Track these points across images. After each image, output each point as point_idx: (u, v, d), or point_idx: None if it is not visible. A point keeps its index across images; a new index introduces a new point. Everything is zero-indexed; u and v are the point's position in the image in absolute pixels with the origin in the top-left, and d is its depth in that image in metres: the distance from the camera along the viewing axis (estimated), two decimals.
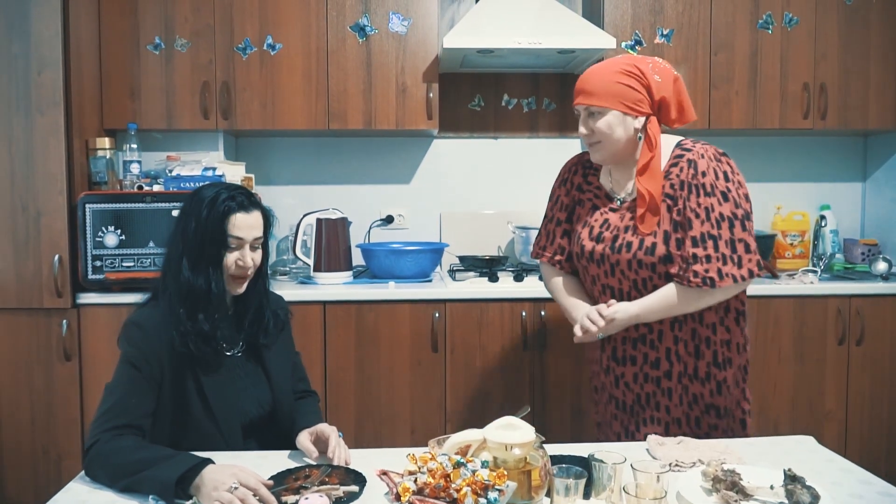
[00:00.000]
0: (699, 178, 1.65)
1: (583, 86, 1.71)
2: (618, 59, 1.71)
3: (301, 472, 1.39)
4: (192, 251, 1.54)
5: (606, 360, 1.80)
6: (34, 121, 2.49)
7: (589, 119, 1.71)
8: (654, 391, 1.74)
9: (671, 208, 1.67)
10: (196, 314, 1.52)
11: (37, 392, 2.56)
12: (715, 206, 1.63)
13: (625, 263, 1.70)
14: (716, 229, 1.63)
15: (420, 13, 2.84)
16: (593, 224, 1.77)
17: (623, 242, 1.70)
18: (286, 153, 3.21)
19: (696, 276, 1.62)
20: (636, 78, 1.67)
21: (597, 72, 1.70)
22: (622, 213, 1.74)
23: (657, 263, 1.67)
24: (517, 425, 1.24)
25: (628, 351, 1.75)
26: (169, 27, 2.78)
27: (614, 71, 1.68)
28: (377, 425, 2.66)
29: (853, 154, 3.37)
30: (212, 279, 1.54)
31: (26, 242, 2.51)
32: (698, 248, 1.63)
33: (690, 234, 1.64)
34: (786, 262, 3.15)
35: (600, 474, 1.24)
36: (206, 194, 1.57)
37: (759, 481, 1.30)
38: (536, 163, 3.26)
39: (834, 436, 2.75)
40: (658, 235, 1.67)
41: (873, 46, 2.95)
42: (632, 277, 1.71)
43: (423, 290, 2.66)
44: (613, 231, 1.73)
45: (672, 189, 1.68)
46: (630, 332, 1.74)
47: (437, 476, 1.08)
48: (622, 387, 1.78)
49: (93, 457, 1.39)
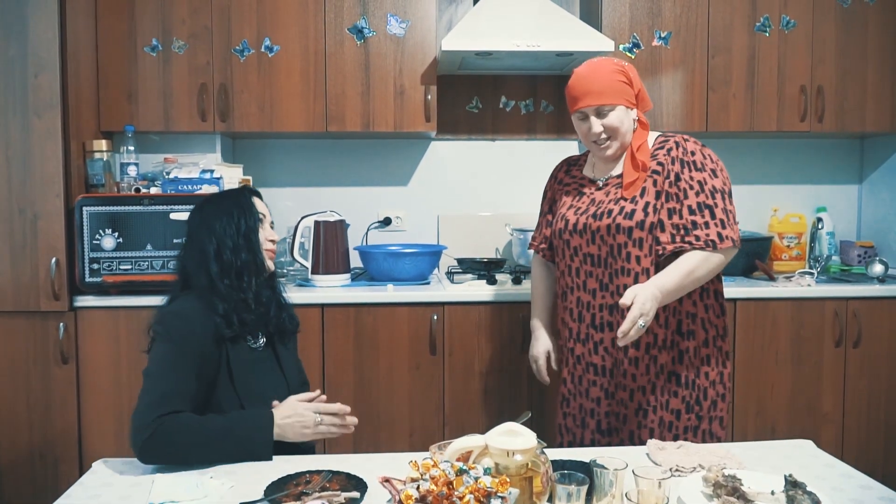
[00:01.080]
0: (689, 156, 1.82)
1: (589, 87, 1.83)
2: (604, 61, 1.86)
3: (302, 478, 1.39)
4: (229, 236, 1.66)
5: (586, 328, 1.89)
6: (31, 123, 2.48)
7: (599, 117, 1.84)
8: (622, 359, 1.85)
9: (656, 182, 1.81)
10: (241, 283, 1.64)
11: (34, 396, 2.55)
12: (707, 180, 1.80)
13: (604, 229, 1.83)
14: (710, 199, 1.78)
15: (418, 15, 2.84)
16: (579, 204, 1.92)
17: (604, 210, 1.85)
18: (283, 155, 3.21)
19: (698, 239, 1.76)
20: (625, 75, 1.84)
21: (596, 74, 1.84)
22: (608, 189, 1.89)
23: (634, 228, 1.79)
24: (519, 431, 1.24)
25: (605, 317, 1.86)
26: (166, 29, 2.78)
27: (611, 71, 1.83)
28: (375, 428, 2.66)
29: (850, 156, 3.38)
30: (255, 248, 1.69)
31: (23, 245, 2.50)
32: (696, 216, 1.77)
33: (687, 204, 1.78)
34: (782, 264, 3.16)
35: (602, 481, 1.24)
36: (218, 196, 1.75)
37: (759, 487, 1.30)
38: (534, 165, 3.26)
39: (831, 438, 2.76)
40: (638, 203, 1.80)
41: (870, 49, 2.96)
42: (609, 243, 1.83)
43: (421, 293, 2.66)
44: (598, 205, 1.87)
45: (659, 165, 1.83)
46: (606, 298, 1.85)
47: (439, 483, 1.08)
48: (601, 352, 1.88)
49: (159, 440, 1.43)
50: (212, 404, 1.59)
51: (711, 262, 1.78)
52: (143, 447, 1.43)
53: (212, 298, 1.62)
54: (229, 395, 1.60)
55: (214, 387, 1.60)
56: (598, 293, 1.87)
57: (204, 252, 1.65)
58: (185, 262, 1.69)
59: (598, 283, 1.86)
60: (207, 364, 1.58)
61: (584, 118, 1.86)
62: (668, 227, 1.79)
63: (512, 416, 2.57)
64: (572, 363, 1.95)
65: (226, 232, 1.66)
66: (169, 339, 1.54)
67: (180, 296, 1.66)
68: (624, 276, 1.82)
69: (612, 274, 1.84)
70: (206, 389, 1.58)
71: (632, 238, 1.80)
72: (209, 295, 1.62)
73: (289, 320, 1.79)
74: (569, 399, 1.97)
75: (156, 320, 1.59)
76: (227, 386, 1.60)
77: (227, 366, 1.61)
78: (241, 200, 1.72)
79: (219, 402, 1.59)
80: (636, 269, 1.81)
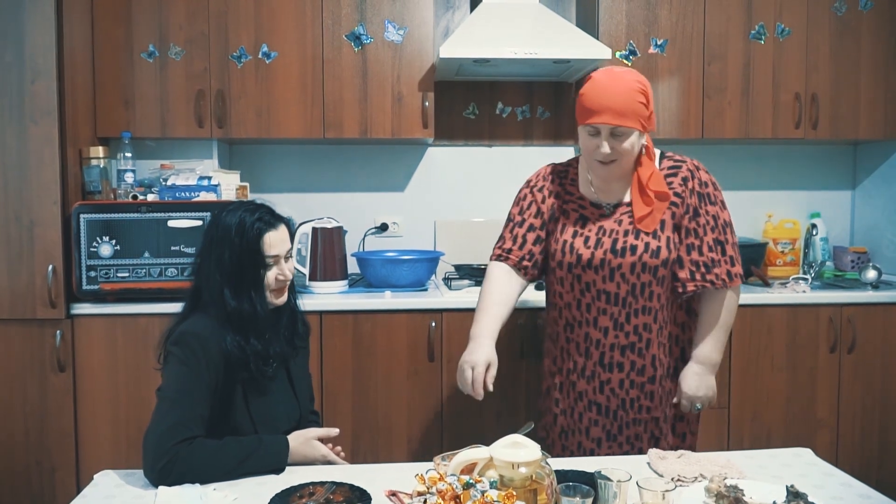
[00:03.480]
0: (704, 188, 1.77)
1: (609, 103, 1.66)
2: (626, 75, 1.70)
3: (305, 490, 1.39)
4: (232, 279, 1.58)
5: (592, 366, 1.80)
6: (27, 130, 2.47)
7: (612, 139, 1.69)
8: (638, 395, 1.79)
9: (675, 214, 1.75)
10: (248, 337, 1.58)
11: (30, 404, 2.53)
12: (719, 214, 1.77)
13: (627, 267, 1.73)
14: (722, 235, 1.76)
15: (415, 22, 2.85)
16: (587, 233, 1.78)
17: (626, 245, 1.73)
18: (280, 161, 3.20)
19: (718, 278, 1.75)
20: (645, 95, 1.70)
21: (618, 89, 1.67)
22: (617, 217, 1.77)
23: (659, 266, 1.73)
24: (523, 443, 1.25)
25: (616, 357, 1.78)
26: (163, 35, 2.77)
27: (633, 90, 1.67)
28: (374, 435, 2.66)
29: (843, 163, 3.41)
30: (256, 302, 1.59)
31: (20, 252, 2.49)
32: (714, 253, 1.75)
33: (706, 241, 1.75)
34: (777, 270, 3.18)
35: (606, 492, 1.25)
36: (230, 221, 1.59)
37: (761, 497, 1.31)
38: (531, 171, 3.19)
39: (826, 444, 2.78)
40: (661, 239, 1.73)
41: (864, 57, 2.99)
42: (632, 282, 1.74)
43: (419, 300, 2.66)
44: (612, 235, 1.75)
45: (677, 197, 1.76)
46: (620, 338, 1.76)
47: (447, 497, 1.08)
48: (607, 392, 1.80)
49: (175, 468, 1.42)
50: (227, 424, 1.58)
51: (733, 305, 1.80)
52: (159, 474, 1.42)
53: (225, 324, 1.58)
54: (243, 417, 1.59)
55: (229, 408, 1.59)
56: (610, 332, 1.77)
57: (214, 279, 1.60)
58: (199, 278, 1.64)
59: (611, 322, 1.76)
60: (222, 385, 1.57)
61: (594, 134, 1.71)
62: (687, 264, 1.75)
63: (510, 423, 2.59)
64: (572, 398, 1.85)
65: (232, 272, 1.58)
66: (185, 361, 1.52)
67: (196, 310, 1.62)
68: (644, 315, 1.76)
69: (629, 314, 1.75)
70: (221, 409, 1.57)
71: (657, 276, 1.74)
72: (223, 319, 1.58)
73: (303, 325, 1.78)
74: (567, 433, 1.88)
75: (172, 339, 1.56)
76: (241, 408, 1.59)
77: (241, 388, 1.60)
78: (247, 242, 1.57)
79: (234, 425, 1.58)
80: (655, 306, 1.76)
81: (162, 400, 1.51)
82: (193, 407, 1.50)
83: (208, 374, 1.53)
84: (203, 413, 1.52)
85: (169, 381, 1.53)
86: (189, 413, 1.49)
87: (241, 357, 1.57)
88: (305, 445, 1.59)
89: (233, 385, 1.59)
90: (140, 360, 2.55)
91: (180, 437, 1.45)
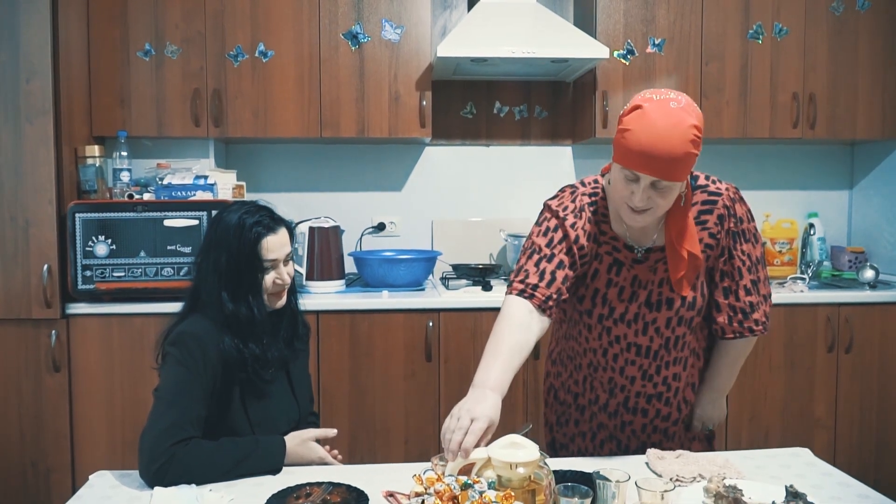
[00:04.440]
0: (740, 225, 1.58)
1: (661, 155, 1.38)
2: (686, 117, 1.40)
3: (302, 491, 1.38)
4: (229, 282, 1.56)
5: (616, 405, 1.68)
6: (23, 129, 2.46)
7: (651, 189, 1.43)
8: (661, 439, 1.71)
9: (709, 258, 1.58)
10: (247, 342, 1.57)
11: (25, 404, 2.52)
12: (753, 252, 1.61)
13: (663, 321, 1.59)
14: (755, 274, 1.61)
15: (413, 21, 2.84)
16: (622, 283, 1.60)
17: (662, 299, 1.58)
18: (276, 160, 3.19)
19: (757, 324, 1.62)
20: (698, 144, 1.42)
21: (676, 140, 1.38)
22: (651, 265, 1.59)
23: (695, 316, 1.60)
24: (521, 443, 1.24)
25: (640, 404, 1.66)
26: (159, 34, 2.76)
27: (689, 140, 1.39)
28: (371, 436, 2.65)
29: (840, 162, 3.41)
30: (253, 306, 1.58)
31: (15, 252, 2.48)
32: (752, 297, 1.60)
33: (742, 284, 1.59)
34: (775, 270, 3.18)
35: (605, 493, 1.24)
36: (230, 221, 1.57)
37: (760, 497, 1.31)
38: (528, 170, 3.27)
39: (823, 443, 2.78)
40: (697, 288, 1.58)
41: (861, 57, 2.99)
42: (666, 335, 1.60)
43: (416, 300, 2.66)
44: (647, 287, 1.59)
45: (712, 238, 1.57)
46: (647, 387, 1.65)
47: (444, 498, 1.08)
48: (628, 432, 1.70)
49: (171, 469, 1.41)
50: (224, 426, 1.56)
51: (751, 344, 1.70)
52: (155, 475, 1.41)
53: (223, 327, 1.57)
54: (241, 419, 1.58)
55: (227, 409, 1.57)
56: (637, 381, 1.65)
57: (212, 281, 1.58)
58: (198, 279, 1.62)
59: (640, 372, 1.64)
60: (220, 387, 1.56)
61: (633, 179, 1.43)
62: (725, 309, 1.61)
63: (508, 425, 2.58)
64: (594, 425, 1.73)
65: (229, 275, 1.57)
66: (182, 362, 1.51)
67: (194, 310, 1.61)
68: (675, 365, 1.64)
69: (660, 366, 1.63)
70: (218, 410, 1.56)
71: (690, 327, 1.62)
72: (221, 322, 1.57)
73: (304, 326, 1.76)
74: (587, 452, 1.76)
75: (170, 340, 1.55)
76: (239, 411, 1.58)
77: (239, 390, 1.59)
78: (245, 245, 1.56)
79: (231, 426, 1.57)
80: (688, 355, 1.66)
81: (159, 400, 1.50)
82: (190, 408, 1.49)
83: (206, 376, 1.52)
84: (200, 414, 1.51)
85: (166, 382, 1.52)
86: (186, 414, 1.47)
87: (238, 359, 1.56)
88: (302, 446, 1.58)
89: (230, 387, 1.57)
90: (136, 360, 2.54)
91: (177, 438, 1.43)
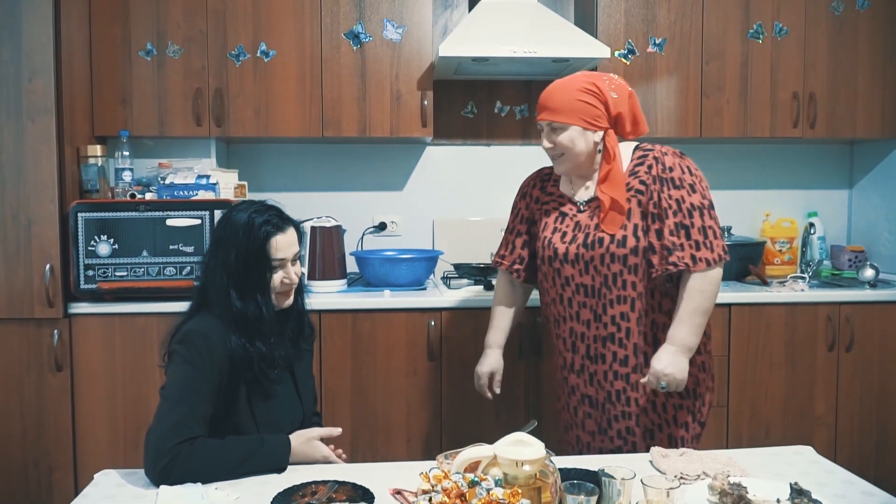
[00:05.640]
0: (668, 173, 1.79)
1: (546, 103, 1.82)
2: (578, 77, 1.83)
3: (308, 489, 1.38)
4: (237, 280, 1.57)
5: (580, 359, 1.87)
6: (25, 128, 2.46)
7: (552, 133, 1.83)
8: (624, 387, 1.83)
9: (641, 202, 1.79)
10: (254, 341, 1.57)
11: (27, 403, 2.52)
12: (685, 198, 1.77)
13: (598, 259, 1.80)
14: (687, 219, 1.76)
15: (414, 20, 2.84)
16: (564, 229, 1.87)
17: (595, 238, 1.81)
18: (278, 160, 3.20)
19: (680, 260, 1.75)
20: (595, 95, 1.79)
21: (558, 89, 1.82)
22: (590, 213, 1.85)
23: (628, 255, 1.78)
24: (527, 441, 1.24)
25: (599, 349, 1.84)
26: (161, 33, 2.76)
27: (575, 88, 1.79)
28: (373, 435, 2.66)
29: (840, 162, 3.42)
30: (262, 304, 1.58)
31: (17, 251, 2.48)
32: (674, 238, 1.76)
33: (667, 225, 1.76)
34: (775, 269, 3.19)
35: (610, 490, 1.24)
36: (239, 220, 1.58)
37: (765, 495, 1.31)
38: (529, 170, 3.18)
39: (824, 441, 2.79)
40: (628, 228, 1.79)
41: (861, 56, 3.00)
42: (604, 273, 1.81)
43: (418, 299, 2.66)
44: (585, 230, 1.84)
45: (642, 185, 1.80)
46: (601, 330, 1.83)
47: (452, 495, 1.08)
48: (595, 384, 1.86)
49: (176, 468, 1.41)
50: (230, 425, 1.57)
51: (707, 287, 1.76)
52: (160, 473, 1.41)
53: (230, 325, 1.57)
54: (247, 418, 1.58)
55: (232, 408, 1.58)
56: (592, 324, 1.84)
57: (220, 279, 1.58)
58: (206, 277, 1.63)
59: (591, 314, 1.84)
60: (226, 385, 1.56)
61: (541, 129, 1.86)
62: (658, 249, 1.78)
63: (509, 422, 2.59)
64: (567, 393, 1.94)
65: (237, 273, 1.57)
66: (189, 361, 1.51)
67: (202, 309, 1.61)
68: (620, 304, 1.81)
69: (605, 304, 1.82)
70: (224, 409, 1.56)
71: (627, 265, 1.79)
72: (229, 320, 1.57)
73: (310, 326, 1.76)
74: (569, 427, 1.97)
75: (177, 338, 1.55)
76: (245, 409, 1.58)
77: (245, 389, 1.59)
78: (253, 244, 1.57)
79: (236, 425, 1.57)
80: (632, 294, 1.80)
81: (165, 399, 1.50)
82: (196, 406, 1.49)
83: (212, 374, 1.52)
84: (206, 413, 1.51)
85: (172, 380, 1.52)
86: (192, 412, 1.48)
87: (245, 358, 1.56)
88: (307, 445, 1.58)
89: (237, 385, 1.57)
90: (138, 359, 2.54)
91: (182, 437, 1.44)
